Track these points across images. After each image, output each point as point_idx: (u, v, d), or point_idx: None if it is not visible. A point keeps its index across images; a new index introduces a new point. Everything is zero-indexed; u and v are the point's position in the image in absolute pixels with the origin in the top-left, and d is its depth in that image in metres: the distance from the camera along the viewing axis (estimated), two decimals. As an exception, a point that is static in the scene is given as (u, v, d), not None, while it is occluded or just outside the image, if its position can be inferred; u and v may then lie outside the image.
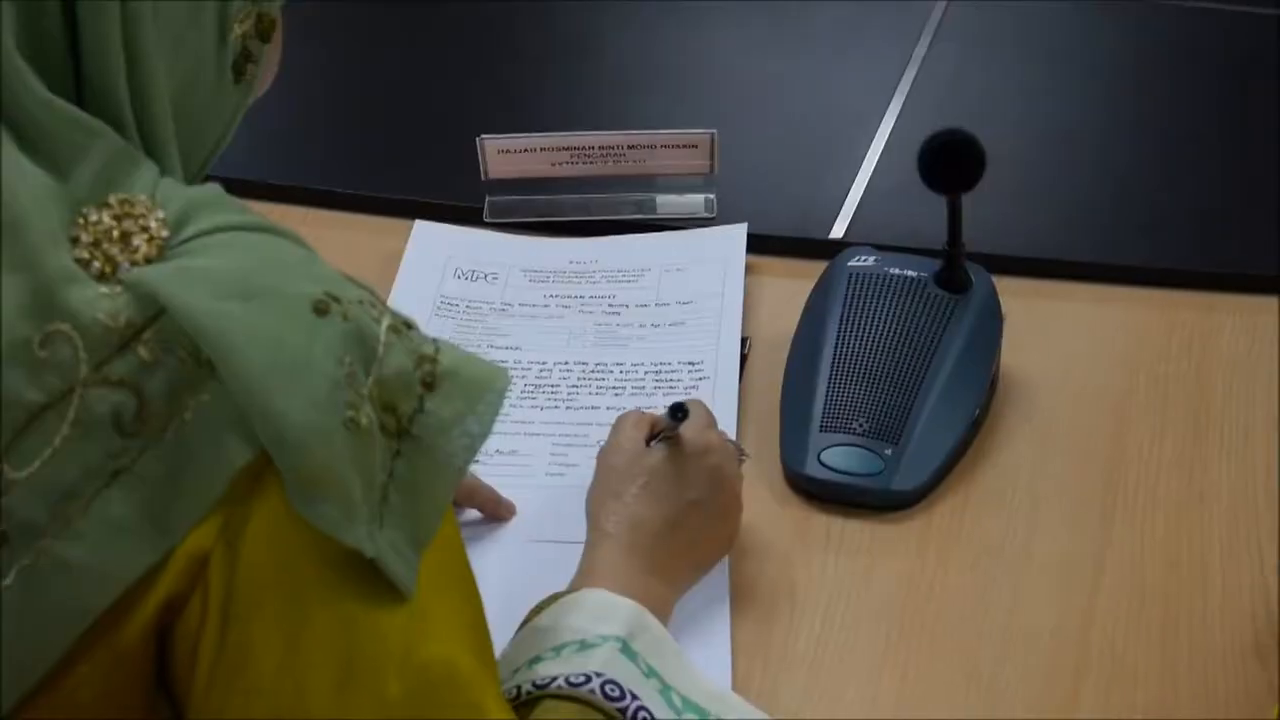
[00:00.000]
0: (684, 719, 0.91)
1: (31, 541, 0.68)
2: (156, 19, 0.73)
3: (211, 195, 0.74)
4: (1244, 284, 1.29)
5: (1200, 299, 1.28)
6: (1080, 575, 1.07)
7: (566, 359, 1.24)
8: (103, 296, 0.69)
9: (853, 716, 0.98)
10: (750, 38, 1.61)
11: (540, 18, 1.67)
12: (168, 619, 0.71)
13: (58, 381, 0.68)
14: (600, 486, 1.04)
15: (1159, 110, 1.52)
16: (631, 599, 0.95)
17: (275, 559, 0.70)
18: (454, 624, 0.75)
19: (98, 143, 0.72)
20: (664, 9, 1.65)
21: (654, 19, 1.64)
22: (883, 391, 1.15)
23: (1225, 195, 1.40)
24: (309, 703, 0.71)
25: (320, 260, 0.74)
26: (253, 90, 0.81)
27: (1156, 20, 1.64)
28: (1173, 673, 1.00)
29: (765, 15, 1.64)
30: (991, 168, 1.14)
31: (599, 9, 1.67)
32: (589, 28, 1.66)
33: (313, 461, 0.69)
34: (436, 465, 0.73)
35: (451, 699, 0.74)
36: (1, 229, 0.68)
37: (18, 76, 0.70)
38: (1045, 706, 0.98)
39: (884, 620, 1.04)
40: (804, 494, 1.13)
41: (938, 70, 1.55)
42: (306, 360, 0.69)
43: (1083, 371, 1.22)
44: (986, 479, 1.14)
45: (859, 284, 1.20)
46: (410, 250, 1.33)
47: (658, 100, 1.53)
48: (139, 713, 0.73)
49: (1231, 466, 1.14)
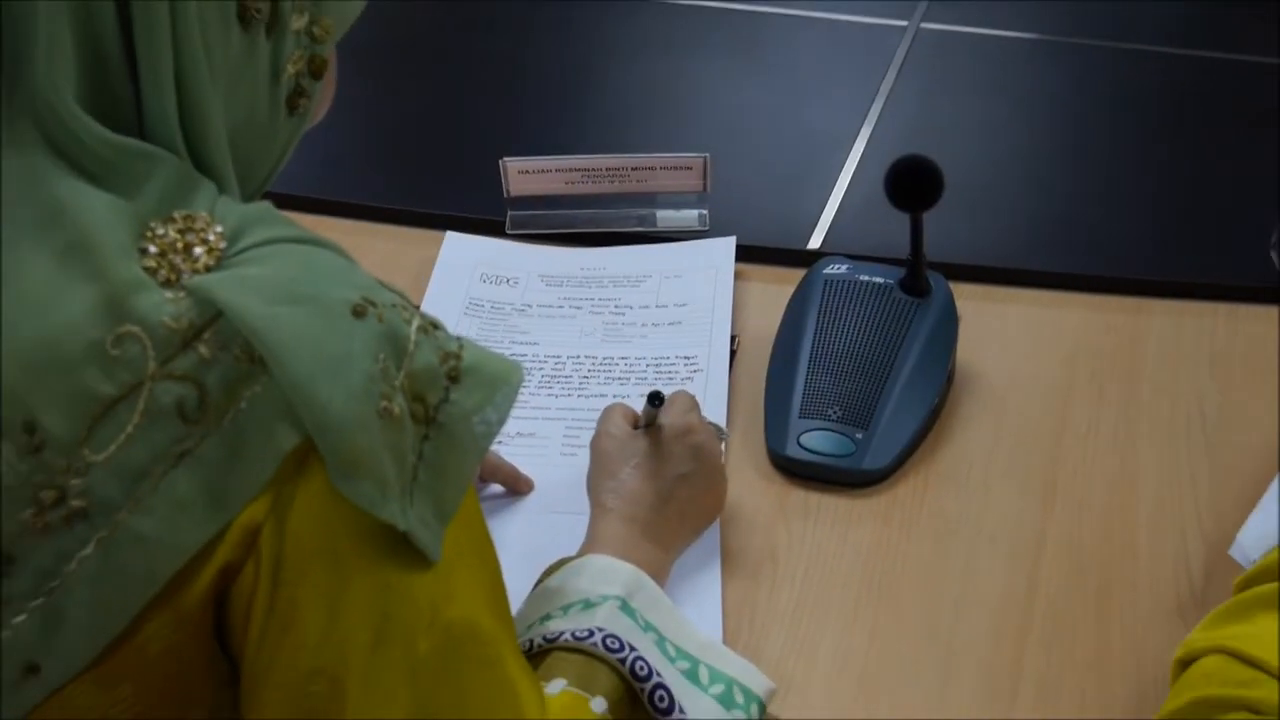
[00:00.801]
0: (677, 666, 0.91)
1: (109, 516, 0.68)
2: (211, 64, 0.73)
3: (263, 211, 0.74)
4: (1171, 290, 1.29)
5: (1132, 303, 1.28)
6: (1025, 545, 1.07)
7: (578, 353, 1.24)
8: (168, 301, 0.69)
9: (827, 666, 0.98)
10: (738, 74, 1.61)
11: (555, 55, 1.67)
12: (225, 583, 0.71)
13: (129, 377, 0.68)
14: (596, 469, 1.04)
15: (1098, 139, 1.52)
16: (630, 563, 0.94)
17: (318, 531, 0.70)
18: (475, 588, 0.75)
19: (160, 168, 0.71)
20: (663, 49, 1.66)
21: (655, 57, 1.65)
22: (854, 383, 1.15)
23: (1154, 213, 1.40)
24: (348, 657, 0.71)
25: (358, 268, 0.74)
26: (306, 121, 0.80)
27: (1096, 60, 1.65)
28: (1106, 631, 1.00)
29: (751, 54, 1.65)
30: (949, 188, 1.14)
31: (607, 50, 1.68)
32: (598, 65, 1.66)
33: (351, 445, 0.68)
34: (460, 448, 0.73)
35: (474, 653, 0.74)
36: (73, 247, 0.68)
37: (79, 124, 0.69)
38: (994, 659, 0.98)
39: (854, 583, 1.04)
40: (785, 472, 1.12)
41: (902, 102, 1.55)
42: (346, 357, 0.69)
43: (1029, 366, 1.22)
44: (944, 460, 1.14)
45: (833, 289, 1.20)
46: (442, 258, 1.33)
47: (657, 127, 1.54)
48: (200, 664, 0.72)
49: (1158, 451, 1.14)
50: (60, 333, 0.67)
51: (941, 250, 1.21)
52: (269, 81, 0.76)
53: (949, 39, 1.66)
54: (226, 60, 0.74)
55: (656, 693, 0.88)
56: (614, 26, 1.71)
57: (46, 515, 0.68)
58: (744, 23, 1.70)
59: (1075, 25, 1.69)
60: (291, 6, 0.76)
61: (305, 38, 0.77)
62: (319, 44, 0.78)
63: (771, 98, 1.56)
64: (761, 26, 1.69)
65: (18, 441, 0.67)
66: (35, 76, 0.69)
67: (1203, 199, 1.41)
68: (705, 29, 1.69)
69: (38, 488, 0.68)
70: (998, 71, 1.62)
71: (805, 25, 1.69)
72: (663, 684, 0.88)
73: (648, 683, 0.88)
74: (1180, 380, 1.20)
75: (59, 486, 0.68)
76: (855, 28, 1.68)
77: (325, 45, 0.79)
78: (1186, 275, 1.30)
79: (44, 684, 0.70)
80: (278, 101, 0.77)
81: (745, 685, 0.92)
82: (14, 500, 0.68)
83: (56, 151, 0.69)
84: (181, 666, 0.71)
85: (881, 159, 1.22)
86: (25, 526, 0.68)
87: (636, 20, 1.71)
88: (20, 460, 0.67)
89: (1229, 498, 1.09)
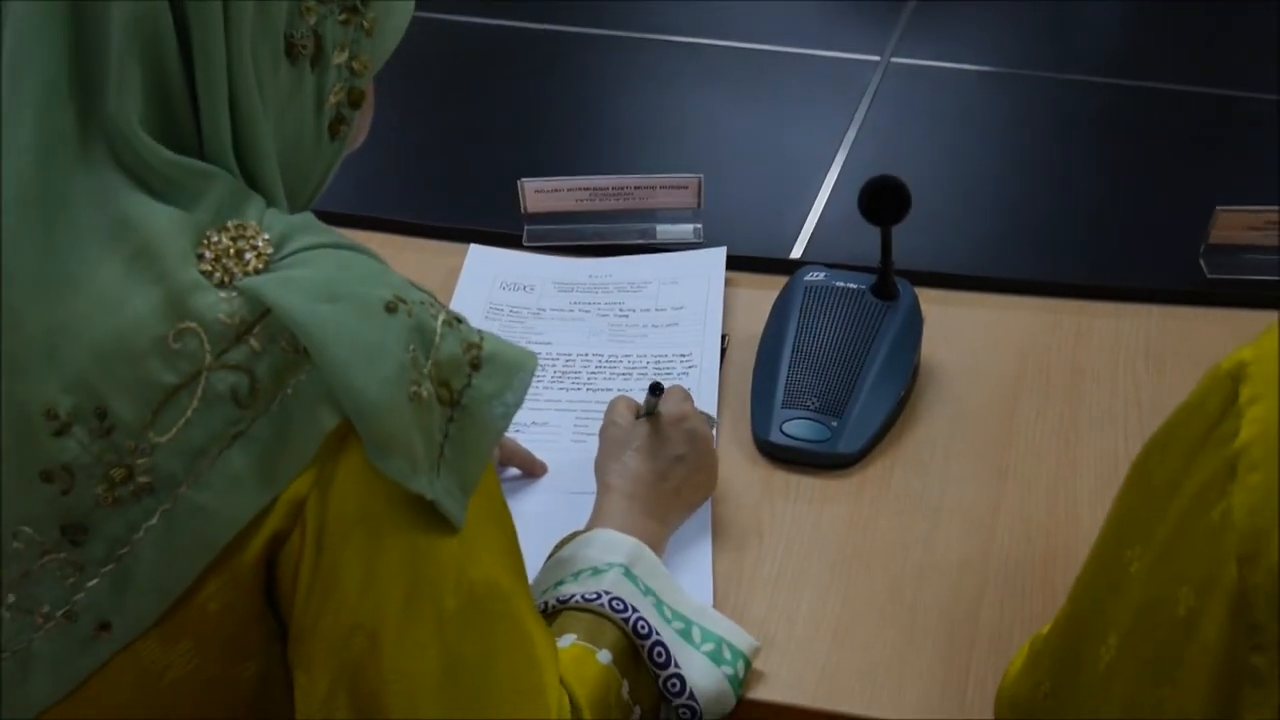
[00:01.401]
0: (673, 626, 0.91)
1: (171, 490, 0.69)
2: (262, 94, 0.73)
3: (305, 221, 0.74)
4: (1109, 293, 1.29)
5: (1076, 305, 1.28)
6: (981, 518, 1.07)
7: (587, 351, 1.24)
8: (222, 300, 0.69)
9: (805, 626, 0.98)
10: (728, 103, 1.61)
11: (567, 88, 1.67)
12: (274, 549, 0.71)
13: (188, 367, 0.68)
14: (603, 453, 1.04)
15: (1047, 160, 1.52)
16: (632, 536, 0.95)
17: (357, 502, 0.70)
18: (495, 551, 0.75)
19: (216, 184, 0.72)
20: (662, 82, 1.66)
21: (654, 89, 1.65)
22: (830, 376, 1.15)
23: (1095, 225, 1.40)
24: (384, 614, 0.71)
25: (390, 270, 0.74)
26: (346, 146, 0.80)
27: (1044, 90, 1.64)
28: (1052, 592, 1.00)
29: (739, 86, 1.64)
30: (915, 205, 1.15)
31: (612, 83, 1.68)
32: (604, 96, 1.66)
33: (385, 426, 0.69)
34: (481, 428, 0.73)
35: (495, 609, 0.75)
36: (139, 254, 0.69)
37: (143, 146, 0.70)
38: (954, 618, 0.98)
39: (830, 553, 1.04)
40: (769, 456, 1.12)
41: (874, 128, 1.54)
42: (380, 348, 0.69)
43: (985, 362, 1.22)
44: (910, 444, 1.14)
45: (812, 294, 1.20)
46: (466, 267, 1.33)
47: (656, 151, 1.54)
48: (252, 622, 0.73)
49: (1098, 435, 1.14)
50: (128, 329, 0.68)
51: (908, 259, 1.21)
52: (313, 110, 0.77)
53: (915, 72, 1.66)
54: (276, 91, 0.74)
55: (655, 649, 0.88)
56: (618, 62, 1.71)
57: (116, 490, 0.69)
58: (733, 58, 1.70)
59: (1026, 59, 1.69)
60: (333, 44, 0.76)
61: (345, 71, 0.77)
62: (358, 77, 0.78)
63: (758, 124, 1.56)
64: (749, 62, 1.69)
65: (91, 426, 0.68)
66: (107, 104, 0.69)
67: (1137, 212, 1.40)
68: (699, 64, 1.69)
69: (108, 466, 0.68)
70: (958, 101, 1.61)
71: (788, 60, 1.69)
72: (660, 641, 0.89)
73: (647, 640, 0.88)
74: (1117, 373, 1.20)
75: (127, 465, 0.68)
76: (832, 62, 1.68)
77: (363, 79, 0.79)
78: (1123, 280, 1.30)
79: (115, 640, 0.70)
80: (321, 128, 0.78)
81: (732, 643, 0.93)
82: (88, 478, 0.68)
83: (125, 170, 0.70)
84: (236, 624, 0.72)
85: (855, 179, 1.21)
86: (98, 501, 0.69)
87: (638, 57, 1.71)
88: (93, 442, 0.68)
89: None
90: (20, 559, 0.70)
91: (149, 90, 0.70)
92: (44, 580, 0.70)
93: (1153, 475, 0.70)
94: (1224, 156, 1.49)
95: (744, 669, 0.92)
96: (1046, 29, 1.77)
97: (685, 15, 1.78)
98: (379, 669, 0.71)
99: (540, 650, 0.77)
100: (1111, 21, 1.85)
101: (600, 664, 0.85)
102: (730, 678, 0.91)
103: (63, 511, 0.69)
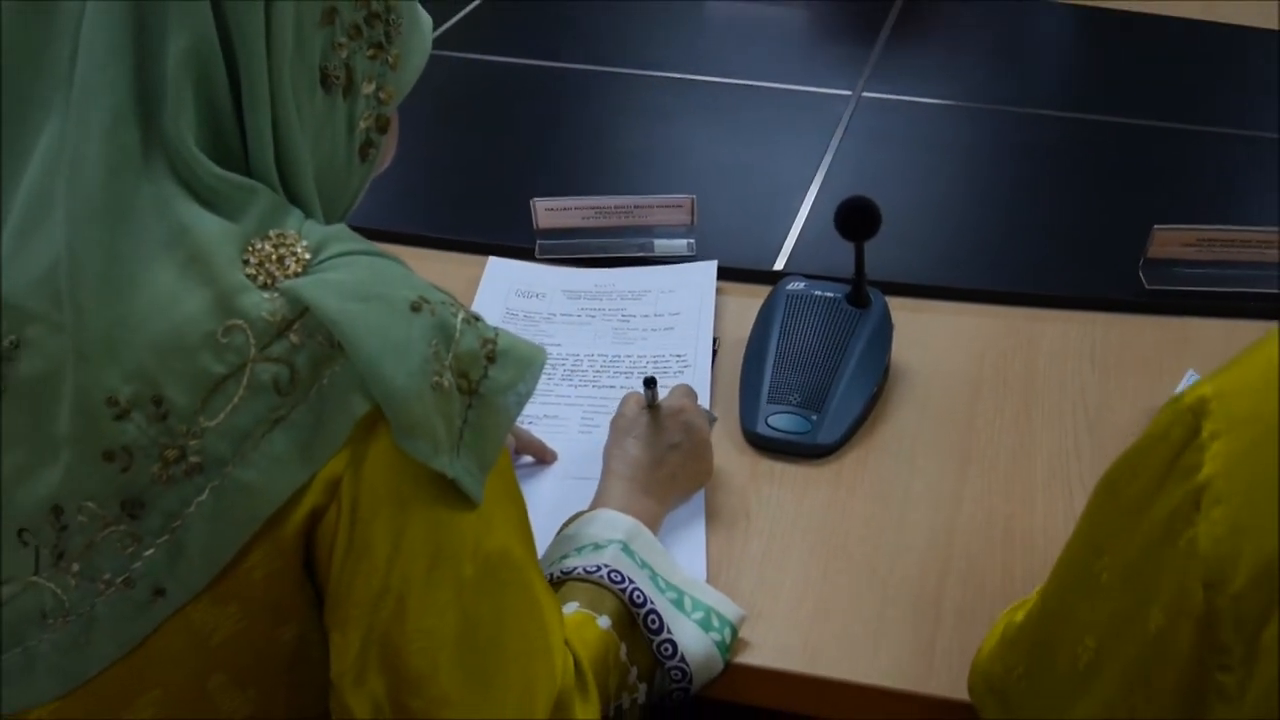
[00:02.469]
0: (666, 596, 0.91)
1: (219, 469, 0.69)
2: (300, 119, 0.73)
3: (339, 230, 0.74)
4: (1059, 302, 1.29)
5: (1029, 312, 1.28)
6: (945, 502, 1.07)
7: (592, 352, 1.24)
8: (265, 300, 0.69)
9: (788, 599, 0.98)
10: (718, 132, 1.61)
11: (575, 118, 1.67)
12: (313, 523, 0.71)
13: (235, 359, 0.68)
14: (610, 441, 1.04)
15: (1002, 183, 1.52)
16: (630, 515, 0.94)
17: (386, 480, 0.70)
18: (508, 524, 0.75)
19: (260, 198, 0.72)
20: (660, 113, 1.65)
21: (653, 119, 1.65)
22: (810, 375, 1.14)
23: (1047, 242, 1.39)
24: (410, 579, 0.71)
25: (415, 275, 0.74)
26: (374, 167, 0.81)
27: (1001, 121, 1.64)
28: (1010, 570, 1.00)
29: (729, 117, 1.64)
30: (885, 222, 1.14)
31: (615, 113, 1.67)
32: (608, 125, 1.66)
33: (410, 412, 0.69)
34: (496, 414, 0.73)
35: (508, 576, 0.75)
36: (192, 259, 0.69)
37: (197, 162, 0.70)
38: (921, 593, 0.98)
39: (811, 534, 1.04)
40: (756, 447, 1.12)
41: (847, 154, 1.54)
42: (406, 343, 0.69)
43: (948, 363, 1.22)
44: (882, 435, 1.14)
45: (794, 301, 1.20)
46: (485, 277, 1.33)
47: (654, 174, 1.53)
48: (293, 588, 0.73)
49: (1049, 427, 1.14)
50: (182, 325, 0.68)
51: (879, 271, 1.21)
52: (345, 134, 0.77)
53: (885, 105, 1.66)
54: (312, 116, 0.74)
55: (649, 616, 0.88)
56: (620, 96, 1.71)
57: (170, 469, 0.68)
58: (723, 92, 1.70)
59: (982, 94, 1.69)
60: (362, 76, 0.76)
61: (374, 100, 0.77)
62: (384, 105, 0.78)
63: (744, 151, 1.56)
64: (737, 96, 1.69)
65: (148, 411, 0.68)
66: (165, 126, 0.69)
67: (1084, 230, 1.40)
68: (693, 98, 1.69)
69: (163, 448, 0.68)
70: (922, 131, 1.61)
71: (771, 94, 1.69)
72: (654, 609, 0.89)
73: (643, 608, 0.88)
74: (1066, 373, 1.20)
75: (180, 446, 0.68)
76: (810, 96, 1.68)
77: (389, 107, 0.79)
78: (1071, 290, 1.29)
79: (169, 604, 0.70)
80: (352, 150, 0.78)
81: (721, 612, 0.93)
82: (145, 458, 0.68)
83: (181, 183, 0.70)
84: (278, 590, 0.72)
85: (831, 199, 1.21)
86: (154, 478, 0.69)
87: (638, 91, 1.71)
88: (150, 426, 0.68)
89: (1105, 465, 1.06)
90: (84, 531, 0.70)
91: (201, 114, 0.70)
92: (105, 550, 0.70)
93: (1120, 495, 0.70)
94: (1160, 181, 1.49)
95: (731, 636, 0.92)
96: (1001, 68, 1.77)
97: (680, 54, 1.78)
98: (404, 629, 0.71)
99: (548, 614, 0.77)
100: (1061, 61, 1.85)
101: (600, 629, 0.85)
102: (718, 643, 0.91)
103: (122, 488, 0.69)
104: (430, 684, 0.72)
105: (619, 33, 1.87)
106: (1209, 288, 1.28)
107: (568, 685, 0.78)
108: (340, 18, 0.74)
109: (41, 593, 0.71)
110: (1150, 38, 1.84)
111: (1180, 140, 1.57)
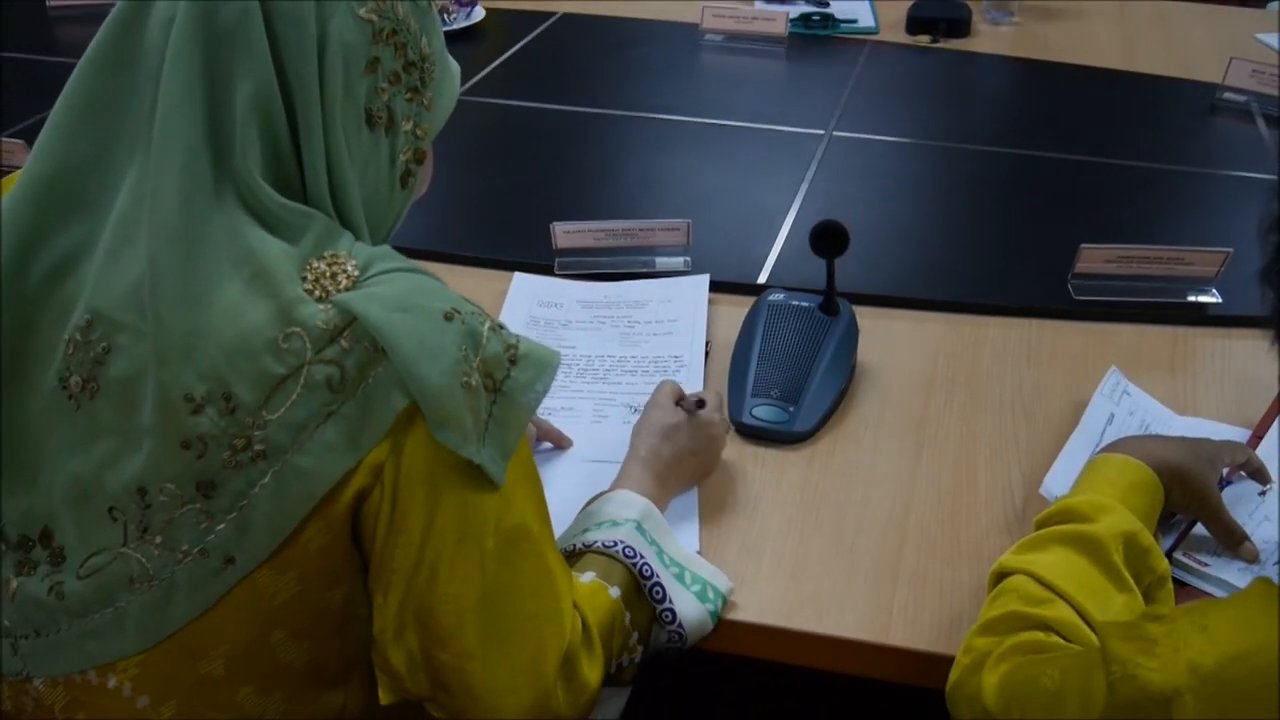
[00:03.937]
0: (670, 571, 0.90)
1: (280, 456, 0.68)
2: (350, 153, 0.73)
3: (384, 251, 0.74)
4: (1001, 310, 1.28)
5: (974, 319, 1.27)
6: (903, 482, 1.06)
7: (602, 353, 1.23)
8: (320, 311, 0.69)
9: (770, 567, 0.97)
10: (710, 165, 1.60)
11: (587, 153, 1.66)
12: (360, 502, 0.70)
13: (294, 361, 0.68)
14: (642, 423, 1.01)
15: (952, 209, 1.51)
16: (645, 497, 0.93)
17: (421, 465, 0.70)
18: (526, 503, 0.75)
19: (314, 223, 0.71)
20: (660, 149, 1.65)
21: (654, 154, 1.64)
22: (788, 373, 1.14)
23: (990, 259, 1.38)
24: (441, 551, 0.71)
25: (449, 289, 0.74)
26: (413, 194, 0.80)
27: (952, 156, 1.63)
28: (958, 541, 0.99)
29: (718, 153, 1.63)
30: (853, 242, 1.14)
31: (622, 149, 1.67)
32: (616, 159, 1.65)
33: (443, 407, 0.68)
34: (517, 410, 0.72)
35: (525, 549, 0.74)
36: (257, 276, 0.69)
37: (261, 191, 0.69)
38: (882, 561, 0.97)
39: (788, 508, 1.03)
40: (741, 434, 1.11)
41: (820, 185, 1.53)
42: (440, 347, 0.69)
43: (906, 362, 1.21)
44: (849, 425, 1.13)
45: (774, 310, 1.19)
46: (511, 290, 1.32)
47: (655, 201, 1.53)
48: (342, 557, 0.72)
49: (993, 417, 1.13)
50: (248, 333, 0.68)
51: (847, 284, 1.20)
52: (388, 165, 0.76)
53: (853, 142, 1.65)
54: (360, 151, 0.74)
55: (654, 587, 0.88)
56: (626, 134, 1.70)
57: (238, 456, 0.68)
58: (714, 131, 1.69)
59: (936, 133, 1.68)
60: (402, 115, 0.76)
61: (412, 136, 0.77)
62: (421, 140, 0.78)
63: (732, 182, 1.55)
64: (726, 134, 1.68)
65: (219, 406, 0.68)
66: (234, 160, 0.69)
67: (1021, 248, 1.39)
68: (689, 136, 1.68)
69: (231, 437, 0.68)
70: (886, 164, 1.60)
71: (755, 133, 1.68)
72: (659, 582, 0.88)
73: (649, 580, 0.87)
74: (1007, 370, 1.19)
75: (247, 436, 0.68)
76: (788, 135, 1.67)
77: (425, 141, 0.79)
78: (1010, 300, 1.29)
79: (238, 571, 0.70)
80: (394, 179, 0.77)
81: (715, 586, 0.92)
82: (216, 446, 0.68)
83: (248, 211, 0.70)
84: (330, 558, 0.71)
85: (807, 222, 1.20)
86: (224, 464, 0.68)
87: (642, 131, 1.70)
88: (220, 419, 0.68)
89: (1040, 450, 1.08)
90: (165, 509, 0.69)
91: (265, 150, 0.70)
92: (183, 525, 0.69)
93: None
94: (1086, 207, 1.48)
95: (721, 605, 0.92)
96: (952, 111, 1.76)
97: (677, 100, 1.77)
98: (435, 592, 0.71)
99: (559, 582, 0.77)
100: (1003, 106, 1.84)
101: (611, 597, 0.84)
102: (711, 612, 0.90)
103: (197, 472, 0.68)
104: (456, 639, 0.72)
105: (624, 82, 1.86)
106: (1127, 298, 1.27)
107: (575, 643, 0.77)
108: (382, 66, 0.73)
109: (129, 561, 0.70)
110: (1078, 85, 1.84)
111: (1104, 172, 1.57)
